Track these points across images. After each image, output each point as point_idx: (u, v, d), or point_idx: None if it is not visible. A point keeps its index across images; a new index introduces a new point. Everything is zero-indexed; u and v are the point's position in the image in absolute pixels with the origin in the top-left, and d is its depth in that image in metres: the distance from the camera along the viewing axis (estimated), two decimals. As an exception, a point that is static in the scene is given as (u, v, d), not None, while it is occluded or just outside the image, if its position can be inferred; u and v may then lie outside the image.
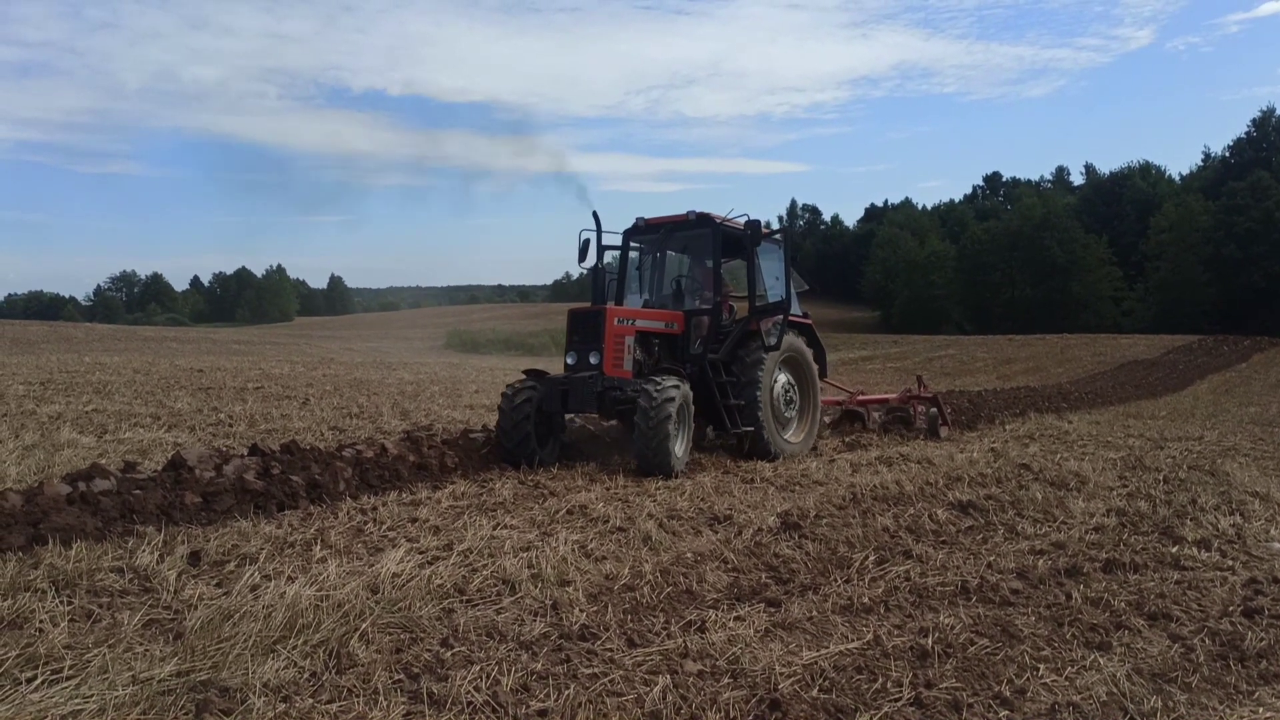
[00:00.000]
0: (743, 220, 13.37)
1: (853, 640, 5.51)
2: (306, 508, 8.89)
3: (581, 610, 5.96)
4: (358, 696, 4.59)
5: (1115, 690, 4.92)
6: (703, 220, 13.42)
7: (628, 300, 14.10)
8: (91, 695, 4.50)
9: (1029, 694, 4.86)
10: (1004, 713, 4.66)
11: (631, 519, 8.55)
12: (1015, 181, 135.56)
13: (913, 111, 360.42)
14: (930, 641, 5.48)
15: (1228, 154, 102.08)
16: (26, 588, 6.08)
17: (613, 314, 12.18)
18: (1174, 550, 7.92)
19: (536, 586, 6.46)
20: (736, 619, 5.86)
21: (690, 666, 5.04)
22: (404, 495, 9.59)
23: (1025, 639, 5.67)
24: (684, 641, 5.42)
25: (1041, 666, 5.22)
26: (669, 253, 14.59)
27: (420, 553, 7.35)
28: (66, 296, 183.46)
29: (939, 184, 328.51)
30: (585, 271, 13.73)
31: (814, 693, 4.75)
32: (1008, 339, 72.35)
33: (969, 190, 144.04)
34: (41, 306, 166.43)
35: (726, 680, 4.86)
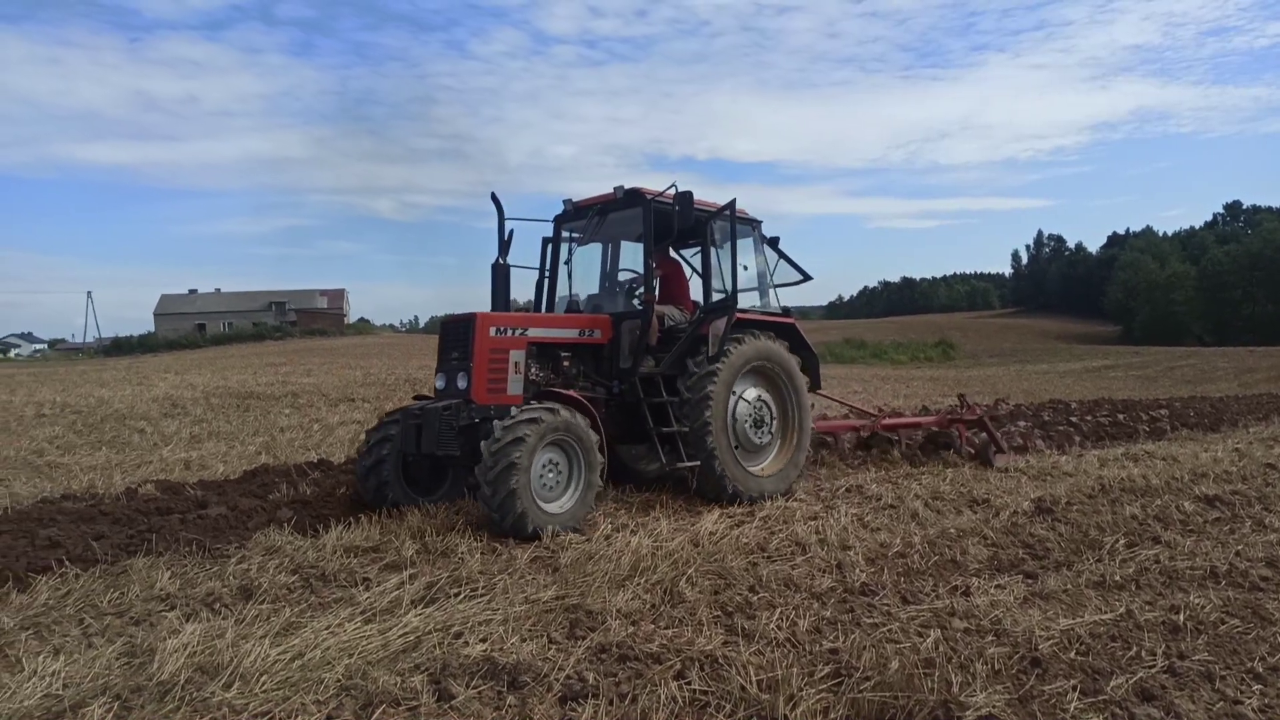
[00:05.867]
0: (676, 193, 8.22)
1: (1106, 612, 5.02)
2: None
3: (861, 571, 5.81)
4: (686, 625, 4.72)
5: (1375, 678, 4.19)
6: (632, 197, 8.62)
7: (561, 303, 9.45)
8: (498, 609, 4.91)
9: (1283, 673, 4.24)
10: (1256, 687, 4.08)
11: (901, 498, 8.25)
12: (1256, 209, 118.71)
13: (1151, 150, 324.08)
14: (1181, 618, 4.90)
15: None
16: (452, 528, 6.73)
17: (486, 322, 7.66)
18: None
19: (823, 549, 6.37)
20: (997, 587, 5.50)
21: (957, 624, 4.78)
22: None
23: (1277, 622, 4.94)
24: (951, 603, 5.16)
25: (1295, 649, 4.53)
26: (624, 243, 9.70)
27: (729, 517, 7.46)
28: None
29: (1178, 213, 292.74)
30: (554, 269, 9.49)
31: (1071, 655, 4.37)
32: (1248, 350, 63.18)
33: (1209, 218, 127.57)
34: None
35: (991, 638, 4.58)
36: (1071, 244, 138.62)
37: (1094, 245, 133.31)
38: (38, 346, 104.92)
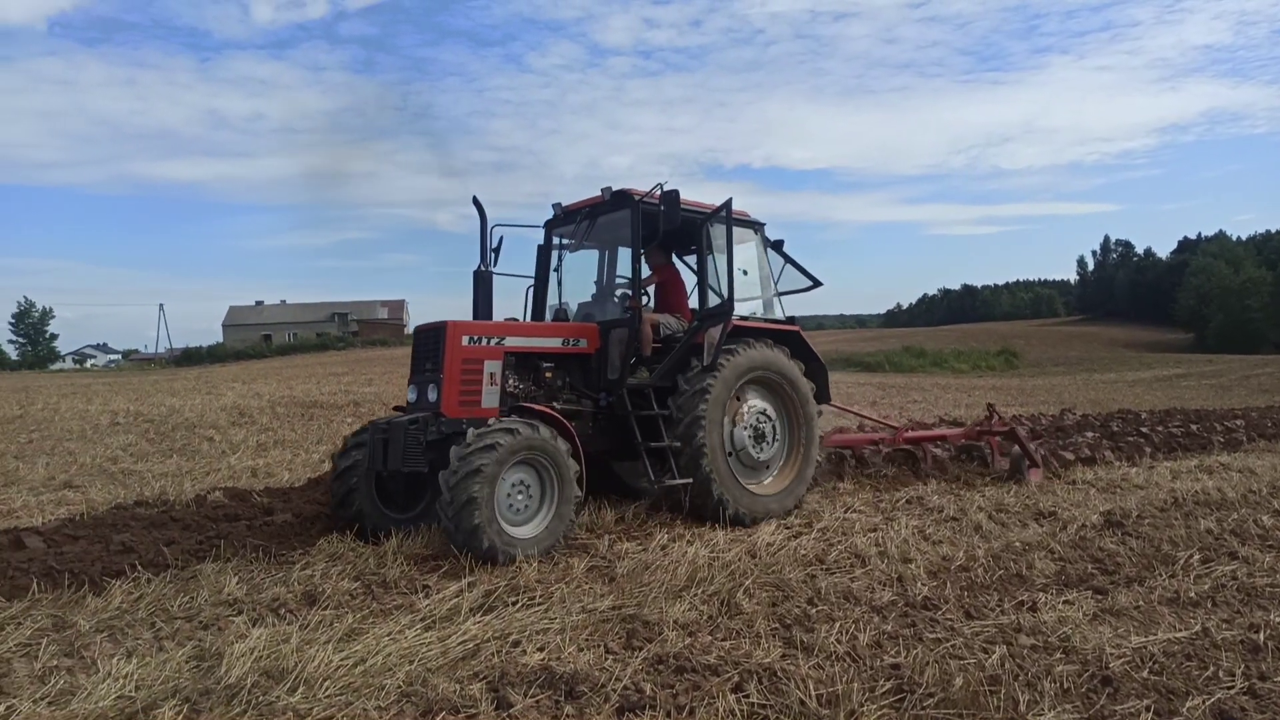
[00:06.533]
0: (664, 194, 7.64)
1: (1180, 630, 4.85)
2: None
3: (923, 584, 5.70)
4: (744, 637, 4.68)
5: None
6: (620, 198, 8.12)
7: (551, 312, 8.84)
8: (555, 619, 4.93)
9: (1374, 698, 4.04)
10: (1346, 713, 3.91)
11: (964, 510, 8.08)
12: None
13: (1224, 152, 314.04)
14: (1261, 637, 4.70)
15: None
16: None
17: (458, 330, 7.20)
18: None
19: (883, 562, 6.27)
20: (1065, 603, 5.34)
21: (1024, 640, 4.66)
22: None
23: (1366, 644, 4.71)
24: (1017, 618, 5.03)
25: (1387, 673, 4.31)
26: (621, 249, 9.06)
27: (787, 528, 7.40)
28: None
29: (1252, 216, 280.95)
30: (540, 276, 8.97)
31: (1144, 674, 4.23)
32: (1330, 358, 60.39)
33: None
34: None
35: (1059, 655, 4.45)
36: (1140, 249, 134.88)
37: (1164, 250, 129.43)
38: (112, 357, 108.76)
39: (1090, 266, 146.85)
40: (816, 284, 9.49)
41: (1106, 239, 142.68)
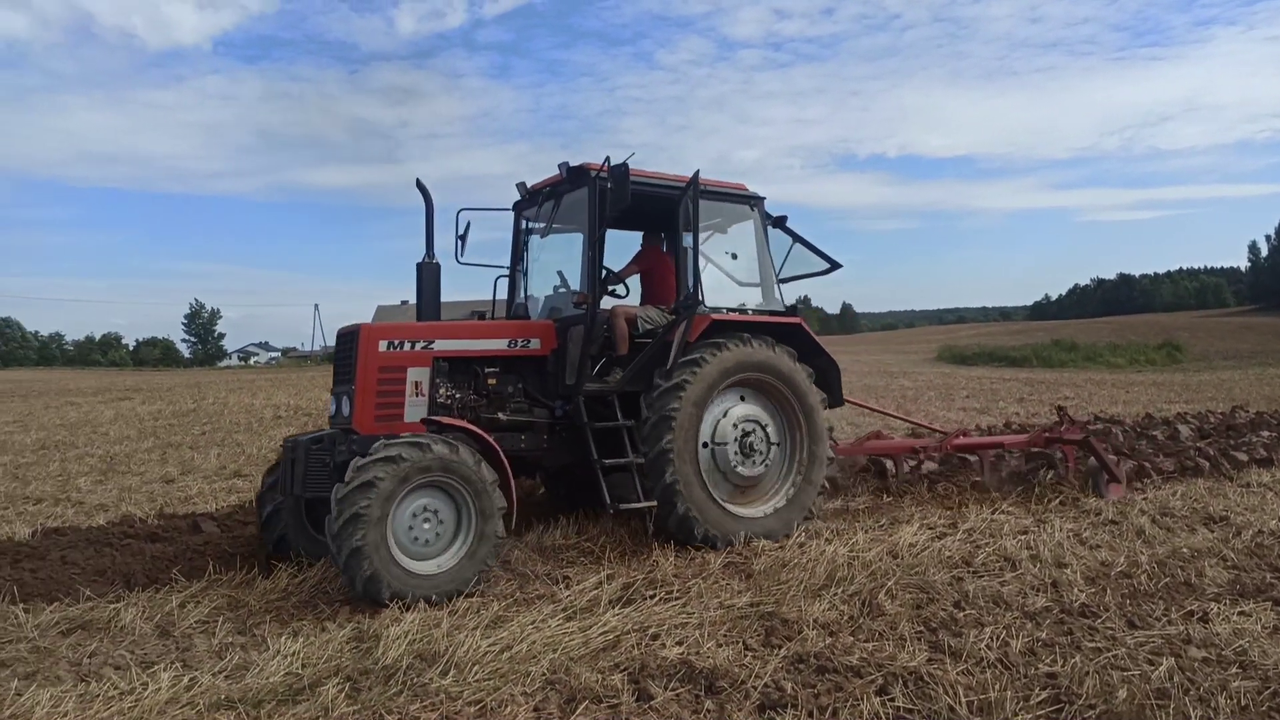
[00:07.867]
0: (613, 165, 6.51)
1: (1379, 649, 4.43)
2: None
3: (1080, 590, 5.41)
4: (887, 640, 4.58)
5: None
6: (577, 175, 7.02)
7: (521, 304, 7.91)
8: (693, 613, 4.97)
9: None
10: None
11: (1124, 513, 7.60)
12: None
13: None
14: None
15: None
16: (647, 531, 6.86)
17: (373, 335, 6.33)
18: None
19: (1035, 566, 5.98)
20: (1241, 614, 4.95)
21: (1194, 653, 4.36)
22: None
23: None
24: (1186, 629, 4.70)
25: None
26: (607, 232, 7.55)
27: (930, 528, 7.16)
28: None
29: None
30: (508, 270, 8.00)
31: (1336, 695, 3.89)
32: None
33: None
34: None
35: (1235, 670, 4.14)
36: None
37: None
38: (273, 354, 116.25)
39: (1264, 252, 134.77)
40: (835, 266, 8.24)
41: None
